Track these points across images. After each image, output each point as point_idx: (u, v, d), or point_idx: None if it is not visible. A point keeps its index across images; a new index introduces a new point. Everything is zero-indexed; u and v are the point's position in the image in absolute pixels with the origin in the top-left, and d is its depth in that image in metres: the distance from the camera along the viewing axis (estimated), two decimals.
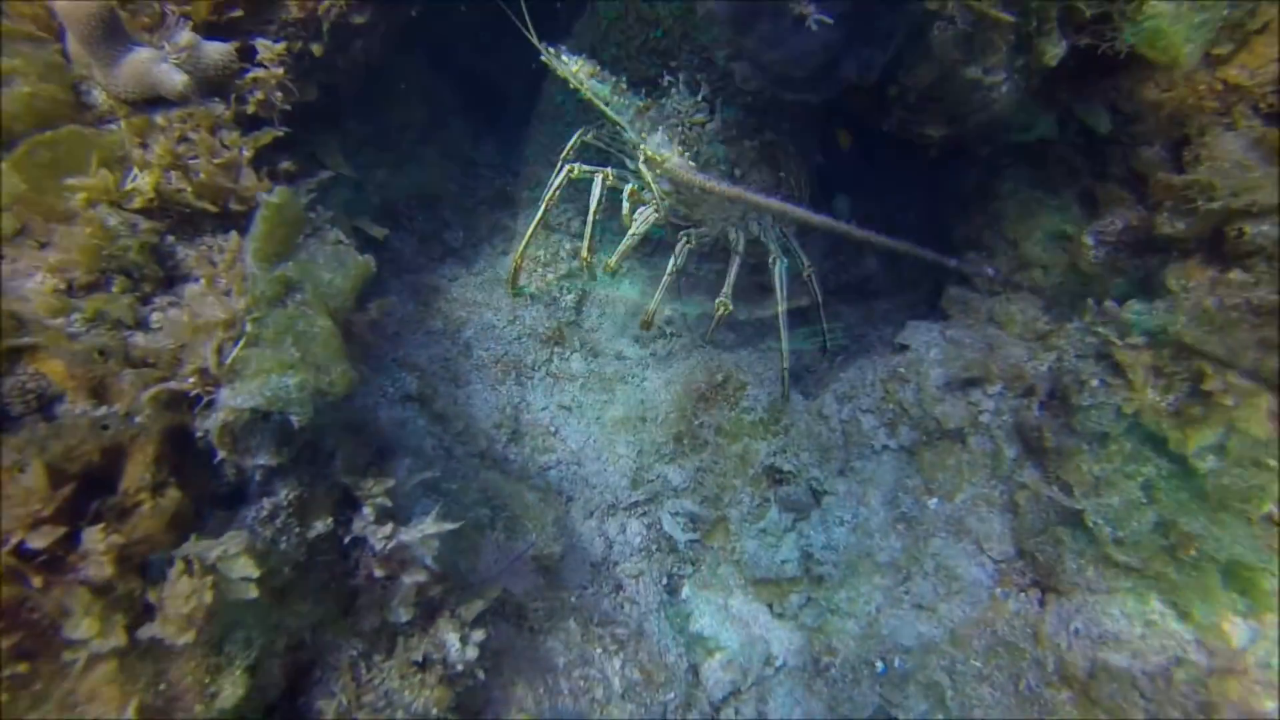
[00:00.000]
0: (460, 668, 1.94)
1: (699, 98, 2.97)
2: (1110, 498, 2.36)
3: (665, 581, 3.08)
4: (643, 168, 3.19)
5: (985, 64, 2.24)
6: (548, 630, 2.53)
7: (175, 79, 1.88)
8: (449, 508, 2.31)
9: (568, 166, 3.19)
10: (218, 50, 2.00)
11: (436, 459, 2.41)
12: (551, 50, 2.90)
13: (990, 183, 3.34)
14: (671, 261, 3.14)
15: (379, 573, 1.88)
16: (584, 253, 3.16)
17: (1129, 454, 2.37)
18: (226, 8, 2.21)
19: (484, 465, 2.76)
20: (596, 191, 3.13)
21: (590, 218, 3.13)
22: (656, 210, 3.09)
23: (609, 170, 3.15)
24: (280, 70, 2.10)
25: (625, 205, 3.12)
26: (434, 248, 3.33)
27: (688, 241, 3.09)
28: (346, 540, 1.87)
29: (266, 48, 2.10)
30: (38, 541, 1.28)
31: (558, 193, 3.24)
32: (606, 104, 2.90)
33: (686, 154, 2.90)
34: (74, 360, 1.38)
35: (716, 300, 3.23)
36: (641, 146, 2.68)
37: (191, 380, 1.51)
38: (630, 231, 3.10)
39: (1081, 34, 2.37)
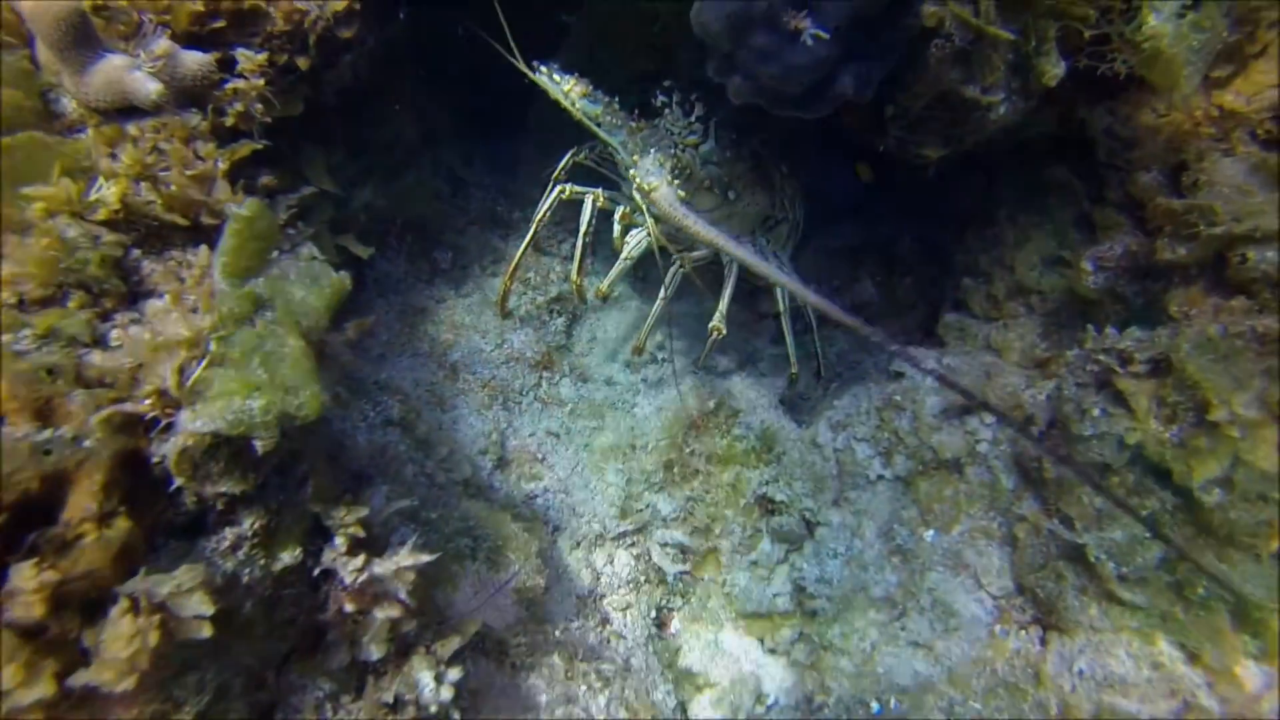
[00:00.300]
0: (434, 709, 1.82)
1: (692, 119, 2.90)
2: (1113, 532, 2.26)
3: (654, 615, 2.96)
4: (635, 193, 3.12)
5: (984, 83, 2.17)
6: (530, 666, 2.41)
7: (148, 87, 1.79)
8: (428, 537, 2.20)
9: (559, 187, 3.11)
10: (196, 60, 1.91)
11: (417, 486, 2.30)
12: (543, 69, 2.83)
13: (987, 207, 3.28)
14: (663, 288, 3.05)
15: (349, 607, 1.76)
16: (574, 276, 3.08)
17: (1132, 486, 2.27)
18: (208, 18, 2.13)
19: (467, 493, 2.65)
20: (587, 213, 3.05)
21: (580, 240, 3.04)
22: (649, 233, 3.00)
23: (599, 191, 3.08)
24: (261, 81, 2.02)
25: (616, 228, 3.04)
26: (422, 268, 3.24)
27: (679, 266, 3.00)
28: (316, 572, 1.75)
29: (247, 58, 2.02)
30: None
31: (548, 214, 3.16)
32: (598, 125, 2.83)
33: (678, 181, 2.82)
34: (17, 380, 1.28)
35: (710, 324, 3.14)
36: (631, 171, 2.59)
37: (148, 402, 1.41)
38: (622, 255, 3.02)
39: (1080, 55, 2.30)
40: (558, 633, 2.65)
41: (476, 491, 2.74)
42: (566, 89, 2.80)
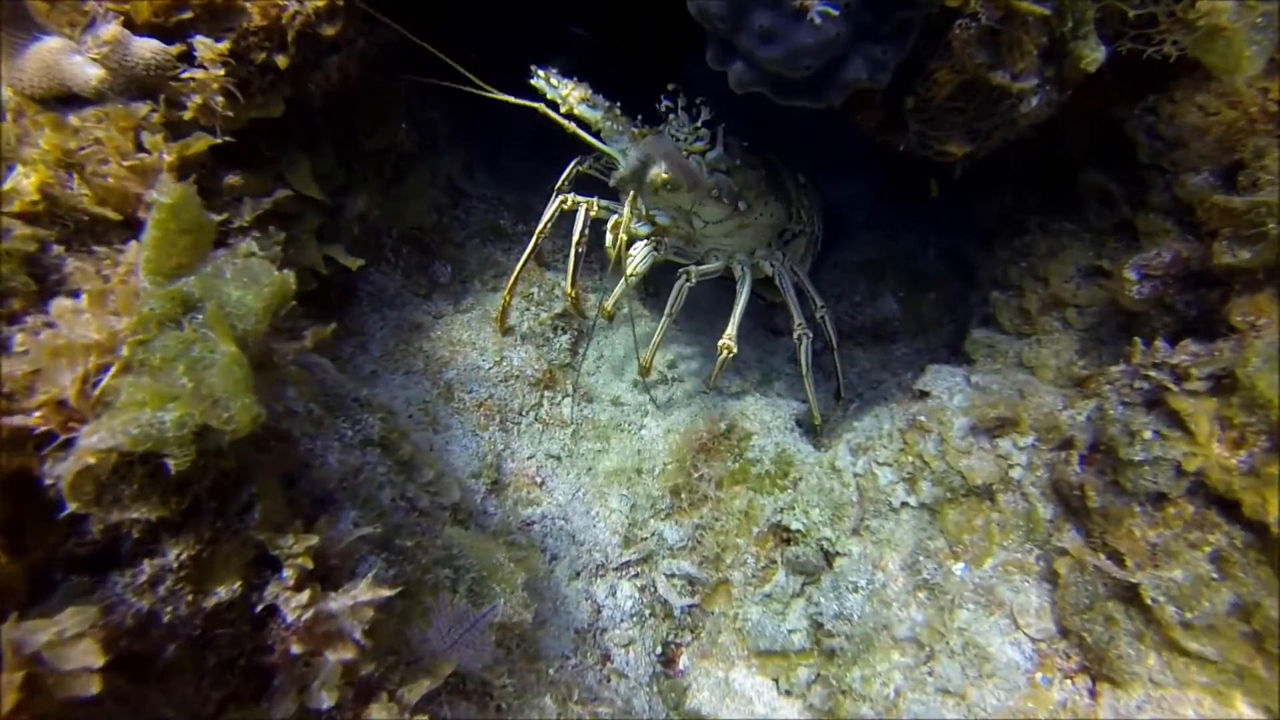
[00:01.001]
0: None
1: (698, 124, 2.66)
2: (1172, 571, 1.94)
3: (659, 651, 2.67)
4: (633, 203, 2.88)
5: (1014, 68, 1.90)
6: (517, 709, 2.13)
7: (88, 73, 1.59)
8: (400, 568, 1.95)
9: (561, 197, 2.89)
10: (149, 48, 1.72)
11: (394, 512, 2.05)
12: (540, 72, 2.61)
13: (1016, 214, 2.99)
14: (669, 303, 2.80)
15: (296, 649, 1.51)
16: (567, 288, 2.84)
17: (1192, 519, 1.96)
18: (174, 9, 1.94)
19: (455, 519, 2.40)
20: (580, 221, 2.82)
21: (573, 249, 2.81)
22: (655, 246, 2.76)
23: (594, 200, 2.84)
24: (220, 72, 1.82)
25: (609, 238, 2.81)
26: (419, 282, 3.02)
27: (686, 279, 2.75)
28: (259, 609, 1.51)
29: (206, 46, 1.81)
30: None
31: (550, 225, 2.93)
32: (597, 131, 2.60)
33: (682, 188, 2.58)
34: None
35: (720, 342, 2.88)
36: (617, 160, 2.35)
37: (39, 414, 1.18)
38: (626, 272, 2.77)
39: (1123, 39, 2.03)
40: (552, 671, 2.38)
41: (466, 517, 2.48)
42: (564, 93, 2.58)
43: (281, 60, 2.20)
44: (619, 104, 2.63)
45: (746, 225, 2.92)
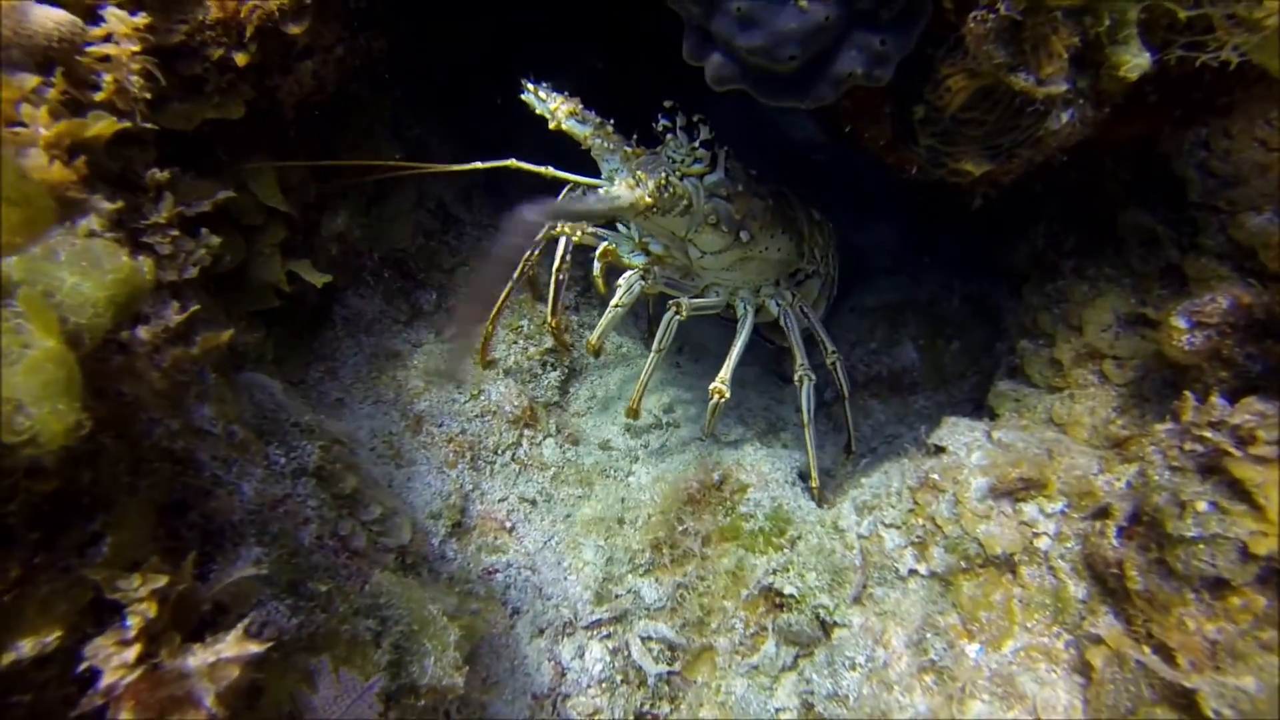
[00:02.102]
0: None
1: (696, 144, 2.37)
2: (1241, 678, 1.51)
3: None
4: (630, 230, 2.59)
5: (1040, 71, 1.57)
6: None
7: None
8: (310, 617, 1.63)
9: (549, 224, 2.61)
10: (52, 17, 1.49)
11: (314, 552, 1.74)
12: (530, 85, 2.36)
13: (1049, 256, 2.62)
14: (657, 337, 2.48)
15: (125, 718, 1.19)
16: (549, 319, 2.55)
17: (1264, 614, 1.54)
18: None
19: (400, 564, 2.08)
20: (560, 248, 2.53)
21: (553, 277, 2.52)
22: (644, 276, 2.46)
23: (579, 226, 2.56)
24: (135, 47, 1.58)
25: (596, 267, 2.51)
26: (400, 308, 2.76)
27: (675, 312, 2.43)
28: (83, 668, 1.19)
29: (119, 19, 1.58)
30: None
31: (538, 254, 2.65)
32: (587, 149, 2.33)
33: (653, 198, 2.27)
34: None
35: (711, 385, 2.54)
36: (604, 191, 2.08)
37: None
38: (613, 303, 2.46)
39: (1171, 47, 1.69)
40: None
41: (418, 561, 2.16)
42: (553, 107, 2.32)
43: (240, 58, 1.98)
44: (613, 122, 2.36)
45: (749, 258, 2.60)
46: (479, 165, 2.34)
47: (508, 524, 2.46)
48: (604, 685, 2.30)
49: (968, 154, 1.75)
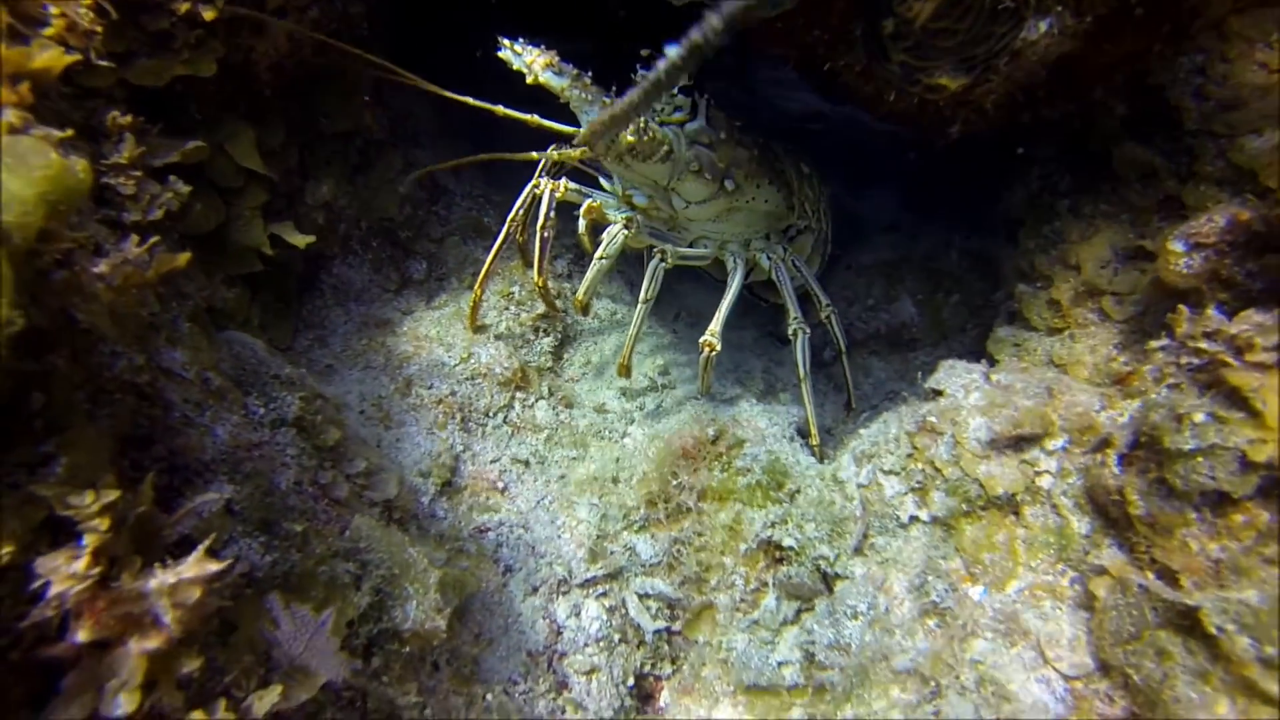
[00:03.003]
0: None
1: (674, 90, 2.33)
2: (1244, 592, 1.43)
3: (630, 684, 2.23)
4: (613, 183, 2.55)
5: None
6: None
7: None
8: (285, 555, 1.60)
9: (533, 183, 2.58)
10: None
11: (291, 495, 1.71)
12: (505, 41, 2.33)
13: (1044, 198, 2.55)
14: (644, 287, 2.44)
15: (82, 636, 1.16)
16: (535, 277, 2.51)
17: (1268, 527, 1.45)
18: None
19: (387, 517, 2.04)
20: (544, 204, 2.49)
21: (538, 233, 2.48)
22: (627, 227, 2.41)
23: (562, 182, 2.52)
24: None
25: (581, 223, 2.47)
26: (390, 277, 2.73)
27: (661, 259, 2.38)
28: (38, 585, 1.17)
29: None
30: None
31: (523, 214, 2.62)
32: (565, 102, 2.30)
33: (655, 158, 2.24)
34: None
35: (701, 339, 2.49)
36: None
37: None
38: (596, 255, 2.42)
39: None
40: (489, 696, 1.97)
41: (406, 517, 2.12)
42: (529, 60, 2.29)
43: (208, 13, 1.97)
44: (590, 73, 2.32)
45: (736, 208, 2.55)
46: (469, 100, 2.29)
47: (500, 484, 2.42)
48: (602, 644, 2.24)
49: (941, 68, 1.69)
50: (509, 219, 2.59)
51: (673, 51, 1.11)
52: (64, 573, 1.12)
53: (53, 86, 1.47)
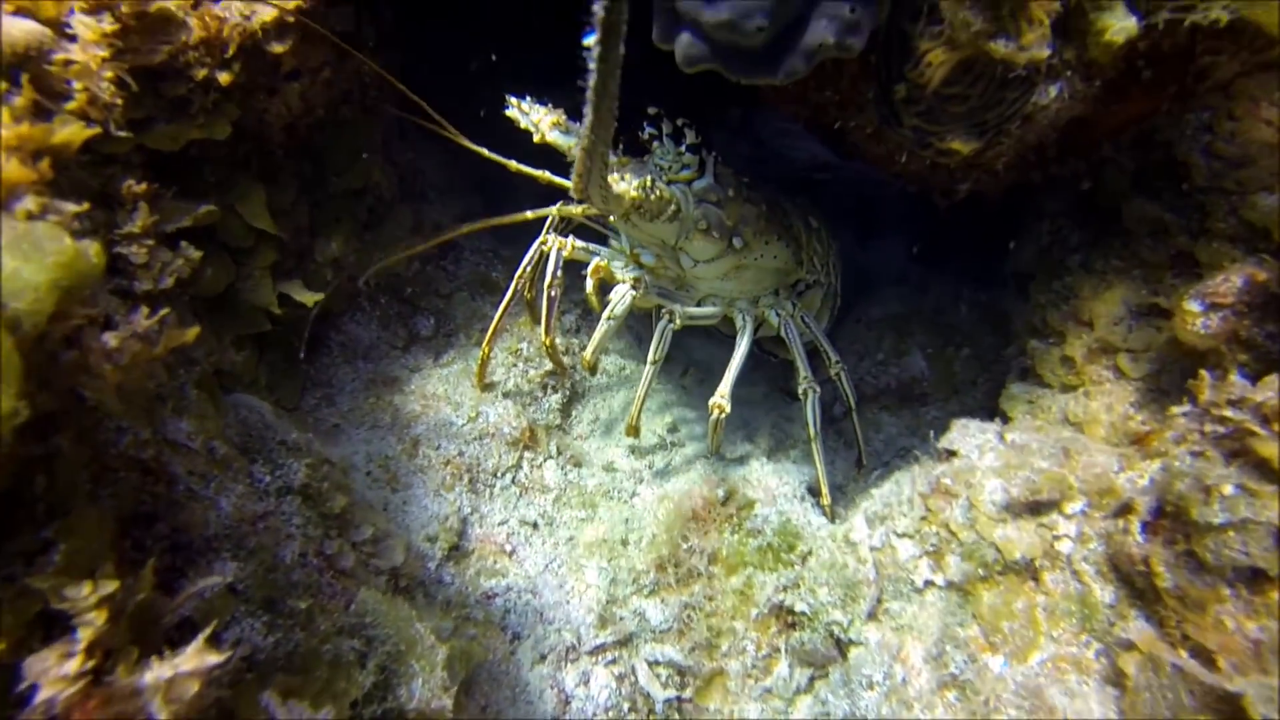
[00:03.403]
0: None
1: (682, 149, 2.33)
2: None
3: None
4: (621, 242, 2.54)
5: (1021, 39, 1.51)
6: None
7: None
8: (288, 635, 1.55)
9: (540, 240, 2.57)
10: (23, 29, 1.49)
11: (296, 569, 1.67)
12: (514, 100, 2.35)
13: (1054, 254, 2.53)
14: (651, 349, 2.41)
15: None
16: (543, 336, 2.49)
17: None
18: (94, 14, 1.74)
19: (393, 586, 2.00)
20: (551, 262, 2.48)
21: (545, 293, 2.47)
22: (635, 287, 2.40)
23: (570, 240, 2.51)
24: (103, 53, 1.57)
25: (589, 283, 2.46)
26: (397, 334, 2.72)
27: (669, 320, 2.37)
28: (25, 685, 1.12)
29: (85, 25, 1.57)
30: None
31: (530, 270, 2.61)
32: (571, 161, 2.29)
33: (663, 217, 2.24)
34: None
35: (711, 401, 2.46)
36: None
37: None
38: (605, 315, 2.41)
39: (1157, 12, 1.63)
40: None
41: (412, 585, 2.07)
42: (536, 120, 2.30)
43: (224, 77, 1.98)
44: None
45: (744, 267, 2.53)
46: (484, 153, 2.30)
47: (507, 547, 2.37)
48: (611, 713, 2.17)
49: (954, 132, 1.68)
50: (516, 276, 2.58)
51: (589, 40, 1.14)
52: (54, 675, 1.08)
53: (71, 158, 1.47)
